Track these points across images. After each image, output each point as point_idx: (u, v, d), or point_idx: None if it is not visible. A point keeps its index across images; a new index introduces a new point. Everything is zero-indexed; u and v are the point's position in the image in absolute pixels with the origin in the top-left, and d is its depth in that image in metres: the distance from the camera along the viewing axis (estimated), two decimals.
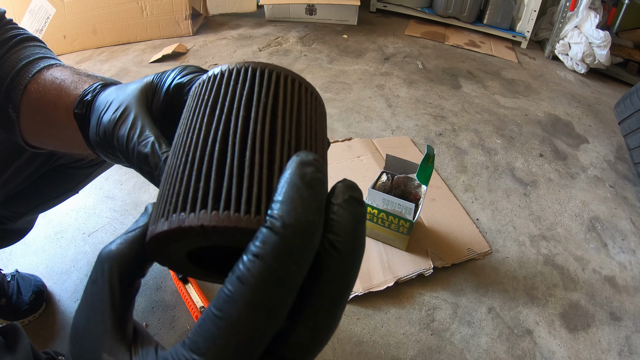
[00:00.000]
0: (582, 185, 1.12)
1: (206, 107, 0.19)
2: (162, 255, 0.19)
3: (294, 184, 0.15)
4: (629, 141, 1.11)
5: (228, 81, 0.20)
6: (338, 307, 0.16)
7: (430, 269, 0.81)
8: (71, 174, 0.64)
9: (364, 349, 0.71)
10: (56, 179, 0.63)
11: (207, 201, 0.16)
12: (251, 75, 0.20)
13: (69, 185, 0.67)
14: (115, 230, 0.88)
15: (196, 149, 0.18)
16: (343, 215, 0.16)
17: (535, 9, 1.81)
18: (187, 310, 0.74)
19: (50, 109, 0.34)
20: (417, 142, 1.20)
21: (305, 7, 1.94)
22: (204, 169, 0.17)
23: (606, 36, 1.60)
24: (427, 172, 0.78)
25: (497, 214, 0.99)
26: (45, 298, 0.74)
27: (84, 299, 0.19)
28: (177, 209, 0.17)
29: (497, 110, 1.40)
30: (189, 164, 0.18)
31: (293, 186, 0.15)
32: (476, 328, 0.75)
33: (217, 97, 0.19)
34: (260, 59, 1.61)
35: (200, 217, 0.16)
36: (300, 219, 0.15)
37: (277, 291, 0.14)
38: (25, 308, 0.71)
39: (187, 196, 0.17)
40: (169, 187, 0.18)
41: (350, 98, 1.39)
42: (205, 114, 0.19)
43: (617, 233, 0.98)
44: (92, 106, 0.30)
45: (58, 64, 0.36)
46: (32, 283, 0.74)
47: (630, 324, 0.79)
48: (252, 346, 0.15)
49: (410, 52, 1.76)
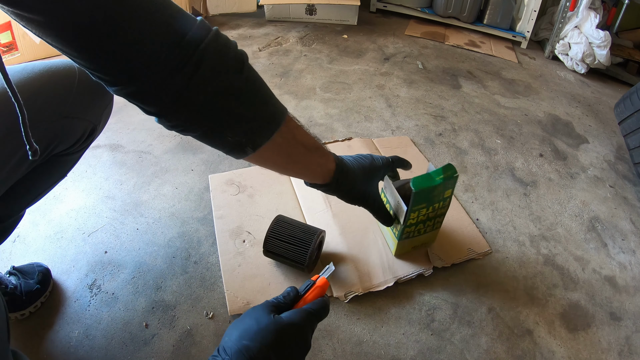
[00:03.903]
0: (582, 185, 1.12)
1: None
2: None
3: None
4: (629, 141, 1.11)
5: None
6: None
7: (430, 269, 0.81)
8: (64, 160, 0.65)
9: (364, 349, 0.71)
10: (50, 169, 0.63)
11: None
12: None
13: (62, 172, 0.67)
14: (115, 230, 0.88)
15: None
16: None
17: (535, 9, 1.81)
18: (187, 310, 0.74)
19: (300, 165, 0.55)
20: (417, 142, 1.20)
21: (305, 7, 1.94)
22: None
23: (606, 36, 1.60)
24: (425, 183, 0.68)
25: (497, 214, 0.99)
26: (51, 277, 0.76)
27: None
28: None
29: (497, 110, 1.40)
30: None
31: None
32: (476, 328, 0.75)
33: None
34: (260, 58, 1.62)
35: None
36: None
37: None
38: (36, 288, 0.72)
39: None
40: None
41: (350, 98, 1.39)
42: None
43: (617, 233, 0.98)
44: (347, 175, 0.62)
45: (289, 114, 0.49)
46: (35, 267, 0.75)
47: (630, 324, 0.79)
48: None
49: (410, 52, 1.76)
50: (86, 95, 0.59)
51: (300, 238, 0.75)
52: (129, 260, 0.83)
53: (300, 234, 0.76)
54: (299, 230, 0.77)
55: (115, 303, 0.75)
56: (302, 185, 0.98)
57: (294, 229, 0.77)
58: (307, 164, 0.56)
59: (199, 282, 0.79)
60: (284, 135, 0.48)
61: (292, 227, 0.78)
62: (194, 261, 0.83)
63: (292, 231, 0.77)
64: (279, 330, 0.44)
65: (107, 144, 1.13)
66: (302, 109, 1.32)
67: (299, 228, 0.78)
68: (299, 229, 0.77)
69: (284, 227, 0.77)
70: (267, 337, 0.43)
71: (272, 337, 0.43)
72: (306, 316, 0.47)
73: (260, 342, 0.43)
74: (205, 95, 0.39)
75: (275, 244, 0.76)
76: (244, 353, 0.42)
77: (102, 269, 0.81)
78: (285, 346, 0.44)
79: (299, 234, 0.76)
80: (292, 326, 0.46)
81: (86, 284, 0.78)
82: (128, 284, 0.78)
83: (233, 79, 0.41)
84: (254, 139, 0.45)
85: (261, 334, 0.43)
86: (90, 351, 0.68)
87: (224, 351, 0.43)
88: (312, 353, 0.69)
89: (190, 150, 1.12)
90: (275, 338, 0.44)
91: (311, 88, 1.43)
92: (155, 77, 0.37)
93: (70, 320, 0.72)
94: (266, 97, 0.45)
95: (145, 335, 0.71)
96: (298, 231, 0.77)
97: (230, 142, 0.45)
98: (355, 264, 0.81)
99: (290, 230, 0.77)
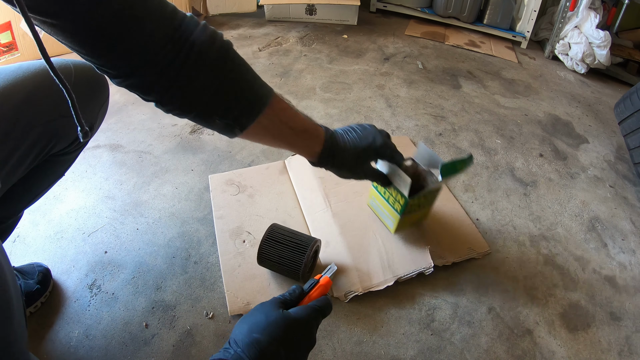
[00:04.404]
0: (582, 185, 1.12)
1: None
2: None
3: None
4: (629, 141, 1.11)
5: None
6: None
7: (430, 267, 0.81)
8: (61, 160, 0.65)
9: (364, 349, 0.71)
10: (48, 169, 0.64)
11: None
12: None
13: (60, 172, 0.68)
14: (115, 230, 0.88)
15: None
16: None
17: (535, 9, 1.81)
18: (187, 310, 0.74)
19: (287, 144, 0.59)
20: (417, 142, 1.20)
21: (305, 7, 1.94)
22: None
23: (606, 36, 1.60)
24: (453, 168, 0.75)
25: (497, 214, 0.99)
26: (51, 277, 0.76)
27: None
28: None
29: (497, 110, 1.40)
30: None
31: None
32: (476, 328, 0.75)
33: None
34: (260, 59, 1.62)
35: None
36: None
37: None
38: (36, 288, 0.72)
39: None
40: None
41: (350, 98, 1.39)
42: None
43: (617, 233, 0.98)
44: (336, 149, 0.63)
45: (276, 97, 0.52)
46: (35, 267, 0.75)
47: (630, 324, 0.79)
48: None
49: (410, 52, 1.76)
50: (82, 95, 0.60)
51: (294, 249, 0.73)
52: (129, 260, 0.83)
53: (293, 246, 0.73)
54: (293, 242, 0.74)
55: (115, 303, 0.75)
56: (302, 185, 0.98)
57: (286, 240, 0.75)
58: (293, 143, 0.60)
59: (199, 282, 0.79)
60: (269, 117, 0.51)
61: (285, 238, 0.75)
62: (194, 261, 0.83)
63: (285, 243, 0.74)
64: (287, 325, 0.46)
65: (107, 144, 1.13)
66: (302, 109, 1.31)
67: (292, 239, 0.75)
68: (292, 240, 0.74)
69: (277, 239, 0.75)
70: (276, 331, 0.45)
71: (281, 331, 0.45)
72: (312, 312, 0.49)
73: (270, 336, 0.44)
74: (195, 84, 0.44)
75: (269, 256, 0.75)
76: (254, 345, 0.43)
77: (102, 269, 0.81)
78: (293, 340, 0.46)
79: (292, 245, 0.74)
80: (299, 321, 0.47)
81: (86, 284, 0.78)
82: (128, 284, 0.78)
83: (218, 68, 0.45)
84: (241, 121, 0.50)
85: (270, 328, 0.45)
86: (90, 351, 0.68)
87: (235, 343, 0.45)
88: (312, 353, 0.69)
89: (190, 150, 1.12)
90: (284, 332, 0.45)
91: (311, 88, 1.43)
92: (154, 70, 0.41)
93: (70, 320, 0.72)
94: (251, 81, 0.49)
95: (145, 335, 0.71)
96: (291, 243, 0.74)
97: (219, 125, 0.49)
98: (355, 264, 0.81)
99: (283, 241, 0.74)
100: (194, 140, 1.15)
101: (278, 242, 0.75)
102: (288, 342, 0.45)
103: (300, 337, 0.47)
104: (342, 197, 0.95)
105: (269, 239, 0.75)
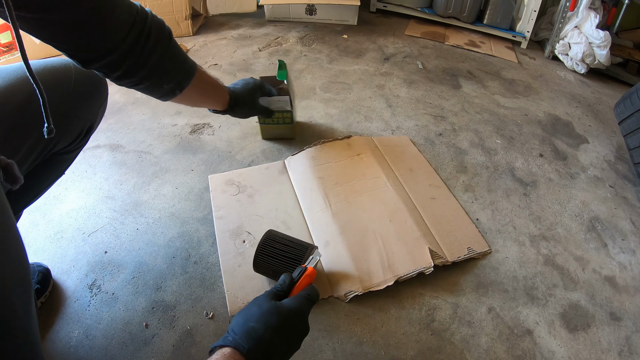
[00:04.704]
0: (582, 185, 1.12)
1: None
2: None
3: None
4: (629, 141, 1.11)
5: None
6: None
7: (430, 267, 0.81)
8: (62, 159, 0.67)
9: (364, 349, 0.71)
10: (48, 168, 0.65)
11: None
12: None
13: (60, 171, 0.70)
14: (115, 230, 0.88)
15: None
16: None
17: (535, 9, 1.81)
18: (187, 310, 0.74)
19: (209, 97, 0.79)
20: (417, 142, 1.20)
21: (305, 7, 1.94)
22: None
23: (606, 36, 1.60)
24: (283, 74, 1.02)
25: (497, 214, 0.99)
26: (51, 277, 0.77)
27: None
28: None
29: (497, 110, 1.40)
30: None
31: None
32: (476, 328, 0.75)
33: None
34: (260, 58, 1.62)
35: None
36: None
37: None
38: (36, 288, 0.72)
39: None
40: None
41: (350, 98, 1.39)
42: None
43: (617, 233, 0.98)
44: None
45: (198, 68, 0.68)
46: (34, 267, 0.75)
47: (630, 324, 0.79)
48: None
49: (410, 52, 1.76)
50: (83, 93, 0.61)
51: (287, 265, 0.72)
52: (129, 260, 0.83)
53: (286, 261, 0.73)
54: (286, 257, 0.73)
55: (115, 303, 0.75)
56: (302, 185, 0.99)
57: (279, 254, 0.73)
58: (214, 96, 0.80)
59: (199, 282, 0.79)
60: (198, 78, 0.67)
61: (277, 253, 0.74)
62: (194, 261, 0.83)
63: (277, 258, 0.73)
64: (280, 314, 0.50)
65: (107, 144, 1.13)
66: (302, 109, 1.32)
67: (286, 253, 0.74)
68: (286, 255, 0.73)
69: (269, 254, 0.74)
70: (270, 320, 0.49)
71: (275, 319, 0.49)
72: (304, 301, 0.55)
73: (264, 324, 0.48)
74: (153, 58, 0.55)
75: (265, 270, 0.75)
76: (250, 333, 0.47)
77: (102, 269, 0.81)
78: (286, 327, 0.50)
79: (285, 260, 0.73)
80: (292, 310, 0.52)
81: (86, 284, 0.78)
82: (128, 284, 0.78)
83: (167, 45, 0.57)
84: (181, 84, 0.64)
85: (265, 317, 0.49)
86: (90, 351, 0.68)
87: (232, 332, 0.48)
88: (312, 353, 0.69)
89: (190, 150, 1.12)
90: (278, 320, 0.49)
91: (311, 88, 1.43)
92: (123, 49, 0.51)
93: (70, 320, 0.72)
94: (184, 54, 0.63)
95: (145, 335, 0.71)
96: (283, 258, 0.73)
97: (165, 89, 0.62)
98: (355, 264, 0.81)
99: (275, 256, 0.73)
100: (194, 140, 1.15)
101: (270, 257, 0.73)
102: (282, 330, 0.49)
103: (293, 325, 0.51)
104: (342, 197, 0.95)
105: (261, 254, 0.74)
